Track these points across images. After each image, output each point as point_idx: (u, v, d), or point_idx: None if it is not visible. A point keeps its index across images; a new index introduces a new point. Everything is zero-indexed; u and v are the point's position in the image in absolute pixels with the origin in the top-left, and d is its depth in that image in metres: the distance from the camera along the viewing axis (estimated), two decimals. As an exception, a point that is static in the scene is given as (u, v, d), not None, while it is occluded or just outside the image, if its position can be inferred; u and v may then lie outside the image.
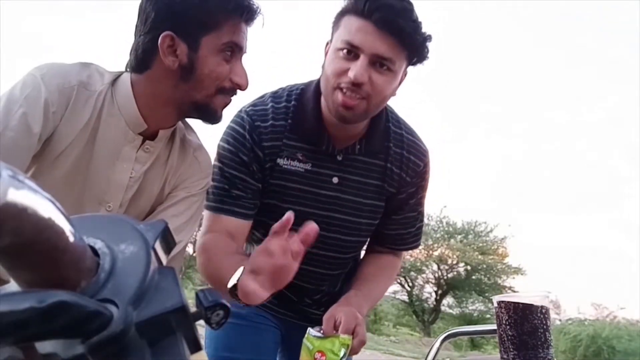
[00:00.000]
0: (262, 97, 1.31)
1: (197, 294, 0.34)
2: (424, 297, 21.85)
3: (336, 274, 1.42)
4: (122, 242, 0.32)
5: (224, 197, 1.23)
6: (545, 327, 0.90)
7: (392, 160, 1.32)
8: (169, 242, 0.36)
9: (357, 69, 1.12)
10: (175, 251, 1.05)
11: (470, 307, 21.58)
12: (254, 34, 1.06)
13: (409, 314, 21.97)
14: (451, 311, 22.04)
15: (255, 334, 1.40)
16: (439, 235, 21.36)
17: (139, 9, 1.03)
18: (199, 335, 0.33)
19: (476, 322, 17.60)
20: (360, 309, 1.20)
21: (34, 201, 0.25)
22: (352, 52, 1.14)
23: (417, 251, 19.22)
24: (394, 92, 1.23)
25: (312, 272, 1.34)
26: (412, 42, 1.14)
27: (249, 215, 1.25)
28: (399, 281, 20.62)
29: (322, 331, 1.14)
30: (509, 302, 0.91)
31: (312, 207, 1.28)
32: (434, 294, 21.55)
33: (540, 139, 34.46)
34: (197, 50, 1.00)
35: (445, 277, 21.23)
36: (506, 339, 0.91)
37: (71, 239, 0.28)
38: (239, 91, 1.08)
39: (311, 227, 0.87)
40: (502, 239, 20.94)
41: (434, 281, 21.48)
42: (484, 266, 20.25)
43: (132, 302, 0.29)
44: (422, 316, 21.35)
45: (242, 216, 1.24)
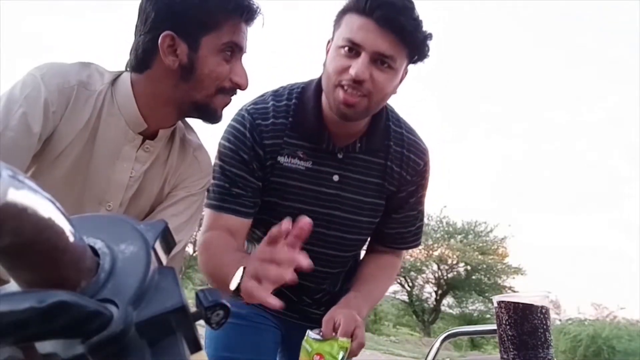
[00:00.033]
0: (263, 95, 1.32)
1: (197, 294, 0.34)
2: (424, 297, 21.86)
3: (336, 272, 1.42)
4: (122, 242, 0.32)
5: (225, 195, 1.24)
6: (545, 327, 0.89)
7: (392, 158, 1.32)
8: (169, 242, 0.36)
9: (359, 66, 1.12)
10: (174, 251, 1.05)
11: (470, 307, 21.59)
12: (254, 34, 1.06)
13: (409, 314, 21.97)
14: (451, 311, 22.05)
15: (255, 334, 1.40)
16: (439, 235, 21.36)
17: (139, 8, 1.03)
18: (199, 335, 0.33)
19: (476, 322, 17.59)
20: (359, 311, 1.20)
21: (34, 201, 0.25)
22: (354, 49, 1.14)
23: (417, 251, 19.24)
24: (395, 90, 1.23)
25: (312, 270, 1.34)
26: (413, 39, 1.15)
27: (249, 213, 1.25)
28: (399, 281, 20.62)
29: (321, 333, 1.14)
30: (509, 302, 0.91)
31: (312, 204, 1.28)
32: (434, 294, 21.56)
33: (540, 139, 34.52)
34: (197, 50, 1.00)
35: (445, 277, 21.23)
36: (506, 339, 0.91)
37: (71, 239, 0.28)
38: (238, 91, 1.08)
39: (304, 222, 0.86)
40: (502, 239, 20.97)
41: (434, 281, 21.48)
42: (484, 266, 20.25)
43: (132, 302, 0.29)
44: (422, 316, 21.35)
45: (243, 214, 1.24)
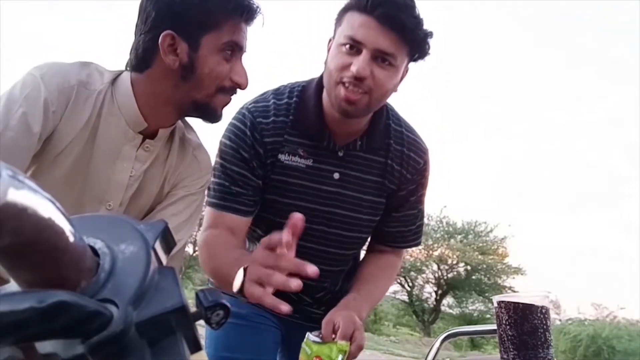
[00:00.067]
0: (263, 94, 1.32)
1: (197, 294, 0.34)
2: (424, 297, 21.87)
3: (337, 270, 1.42)
4: (122, 242, 0.32)
5: (225, 193, 1.24)
6: (545, 327, 0.89)
7: (392, 157, 1.33)
8: (169, 242, 0.36)
9: (360, 63, 1.13)
10: (174, 250, 1.05)
11: (470, 307, 21.61)
12: (254, 34, 1.06)
13: (409, 314, 21.98)
14: (451, 311, 22.06)
15: (255, 334, 1.40)
16: (439, 235, 21.37)
17: (140, 8, 1.03)
18: (199, 335, 0.33)
19: (476, 322, 17.60)
20: (359, 313, 1.21)
21: (34, 201, 0.25)
22: (355, 47, 1.15)
23: (417, 251, 19.26)
24: (396, 88, 1.24)
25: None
26: (413, 37, 1.15)
27: (249, 212, 1.26)
28: (399, 281, 20.63)
29: (321, 335, 1.15)
30: (509, 302, 0.91)
31: (313, 202, 1.29)
32: (434, 294, 21.57)
33: (540, 139, 34.55)
34: (198, 49, 1.00)
35: (445, 277, 21.24)
36: (506, 339, 0.91)
37: (71, 239, 0.28)
38: (238, 90, 1.08)
39: (297, 218, 0.85)
40: (502, 239, 20.98)
41: (434, 281, 21.50)
42: (484, 266, 20.25)
43: (132, 302, 0.29)
44: (422, 316, 21.36)
45: (243, 213, 1.24)
